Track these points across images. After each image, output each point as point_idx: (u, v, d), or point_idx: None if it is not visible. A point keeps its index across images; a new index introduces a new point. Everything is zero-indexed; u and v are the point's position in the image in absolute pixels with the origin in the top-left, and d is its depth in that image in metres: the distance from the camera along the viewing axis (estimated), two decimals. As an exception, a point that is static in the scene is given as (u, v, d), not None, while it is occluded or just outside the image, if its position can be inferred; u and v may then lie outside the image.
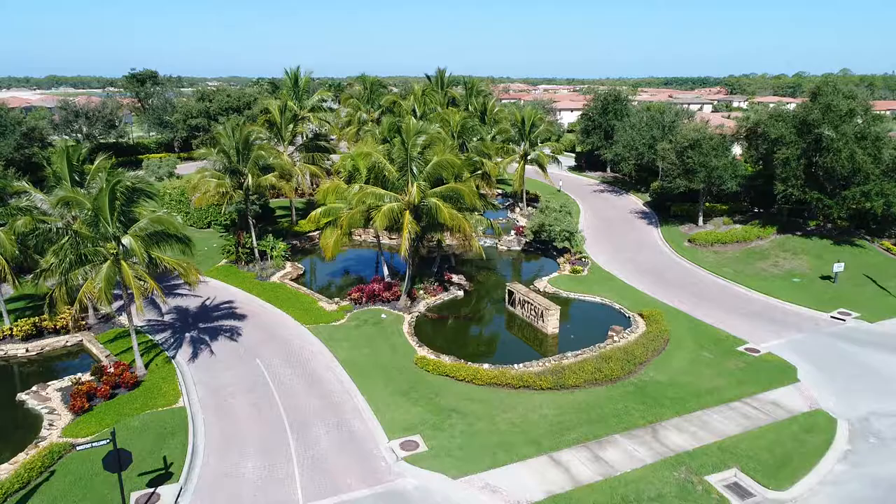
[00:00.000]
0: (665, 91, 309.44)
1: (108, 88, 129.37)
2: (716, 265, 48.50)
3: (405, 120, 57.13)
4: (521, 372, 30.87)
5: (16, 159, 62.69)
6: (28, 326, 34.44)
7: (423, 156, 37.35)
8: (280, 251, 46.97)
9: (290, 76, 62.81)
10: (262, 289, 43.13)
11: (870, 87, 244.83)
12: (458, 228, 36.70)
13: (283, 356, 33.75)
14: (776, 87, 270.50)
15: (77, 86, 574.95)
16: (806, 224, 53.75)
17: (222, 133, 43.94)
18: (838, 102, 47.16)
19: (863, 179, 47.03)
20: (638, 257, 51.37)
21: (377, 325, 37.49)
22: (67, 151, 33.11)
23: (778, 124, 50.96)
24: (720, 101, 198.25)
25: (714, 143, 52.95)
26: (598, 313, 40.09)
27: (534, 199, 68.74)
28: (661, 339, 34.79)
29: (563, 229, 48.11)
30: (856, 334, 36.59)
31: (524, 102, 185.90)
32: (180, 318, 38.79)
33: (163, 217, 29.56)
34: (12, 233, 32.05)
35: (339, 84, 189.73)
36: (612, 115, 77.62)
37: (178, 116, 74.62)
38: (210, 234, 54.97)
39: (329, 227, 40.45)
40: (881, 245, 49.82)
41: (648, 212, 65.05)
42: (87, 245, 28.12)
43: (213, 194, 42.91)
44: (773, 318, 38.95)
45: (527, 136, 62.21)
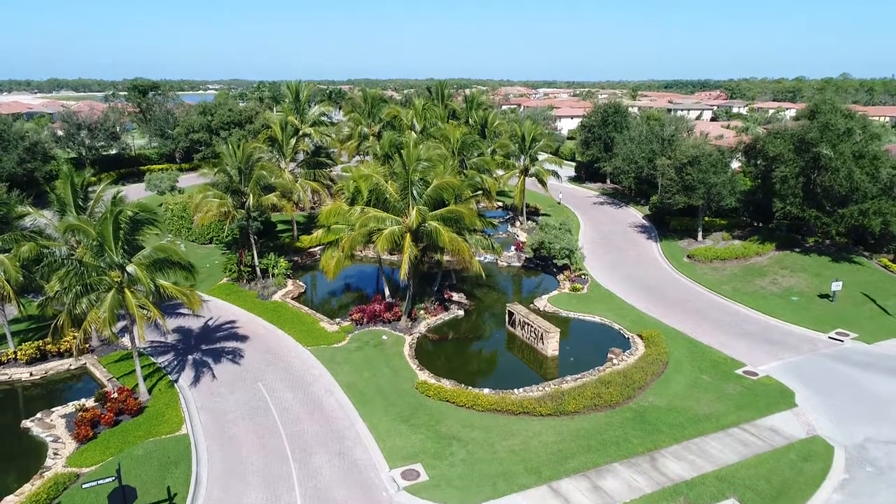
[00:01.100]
0: (665, 95, 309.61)
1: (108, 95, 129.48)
2: (715, 282, 48.76)
3: (406, 137, 57.59)
4: (521, 398, 31.13)
5: (18, 174, 63.03)
6: (32, 350, 34.74)
7: (424, 178, 37.64)
8: (282, 269, 47.28)
9: (291, 90, 63.17)
10: (264, 308, 43.41)
11: (869, 92, 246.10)
12: (458, 251, 36.99)
13: (285, 380, 34.02)
14: (776, 91, 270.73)
15: (78, 89, 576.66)
16: (804, 240, 54.01)
17: (225, 153, 44.25)
18: (836, 121, 47.46)
19: (861, 198, 47.30)
20: (637, 273, 51.62)
21: (378, 346, 37.76)
22: (71, 177, 33.45)
23: (776, 141, 51.28)
24: (720, 107, 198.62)
25: (713, 159, 53.23)
26: (597, 334, 40.35)
27: (534, 212, 69.08)
28: (660, 362, 35.05)
29: (562, 247, 48.38)
30: (854, 356, 36.83)
31: (524, 109, 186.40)
32: (183, 340, 39.07)
33: (166, 245, 29.90)
34: (17, 259, 32.36)
35: (340, 90, 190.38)
36: (611, 126, 77.96)
37: (179, 130, 75.04)
38: (212, 251, 55.27)
39: (330, 248, 40.79)
40: (879, 262, 50.07)
41: (648, 225, 65.32)
42: (92, 274, 28.41)
43: (215, 214, 43.18)
44: (771, 339, 39.20)
45: (527, 151, 62.51)
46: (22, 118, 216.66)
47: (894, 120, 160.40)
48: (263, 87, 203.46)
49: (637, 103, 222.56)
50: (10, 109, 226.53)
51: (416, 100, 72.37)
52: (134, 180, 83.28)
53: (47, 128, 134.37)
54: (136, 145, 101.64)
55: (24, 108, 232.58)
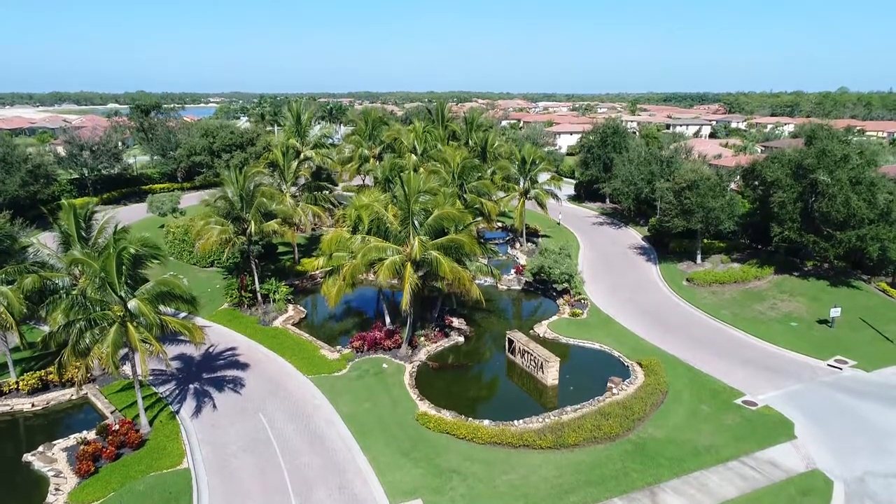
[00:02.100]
0: (664, 109, 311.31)
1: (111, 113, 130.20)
2: (714, 307, 48.92)
3: (406, 160, 57.94)
4: (522, 430, 31.25)
5: (20, 196, 63.43)
6: (34, 380, 34.89)
7: (425, 208, 37.97)
8: (282, 295, 47.50)
9: (292, 113, 63.73)
10: (265, 335, 43.59)
11: (867, 107, 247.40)
12: (458, 280, 37.25)
13: (286, 410, 34.14)
14: (774, 105, 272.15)
15: (80, 102, 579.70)
16: (803, 264, 54.29)
17: (227, 180, 44.63)
18: (833, 147, 47.89)
19: (858, 223, 47.60)
20: (637, 297, 51.79)
21: (378, 375, 37.90)
22: (75, 209, 33.79)
23: (774, 166, 51.70)
24: (718, 122, 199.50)
25: (711, 183, 53.60)
26: (597, 362, 40.48)
27: (534, 233, 69.37)
28: (660, 391, 35.17)
29: (562, 272, 48.62)
30: (853, 384, 36.96)
31: (523, 125, 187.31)
32: (184, 368, 39.21)
33: (168, 280, 30.15)
34: (20, 291, 32.60)
35: (341, 106, 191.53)
36: (610, 147, 78.48)
37: (181, 152, 75.58)
38: (213, 274, 55.53)
39: (332, 276, 41.02)
40: (877, 286, 50.30)
41: (647, 247, 65.58)
42: (96, 308, 28.63)
43: (216, 241, 43.46)
44: (770, 367, 39.32)
45: (526, 174, 62.92)
46: (24, 133, 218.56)
47: (892, 136, 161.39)
48: (265, 103, 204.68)
49: (636, 118, 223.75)
50: (12, 125, 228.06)
51: (417, 122, 72.90)
52: (135, 200, 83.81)
53: (50, 146, 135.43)
54: (137, 162, 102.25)
55: (25, 122, 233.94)
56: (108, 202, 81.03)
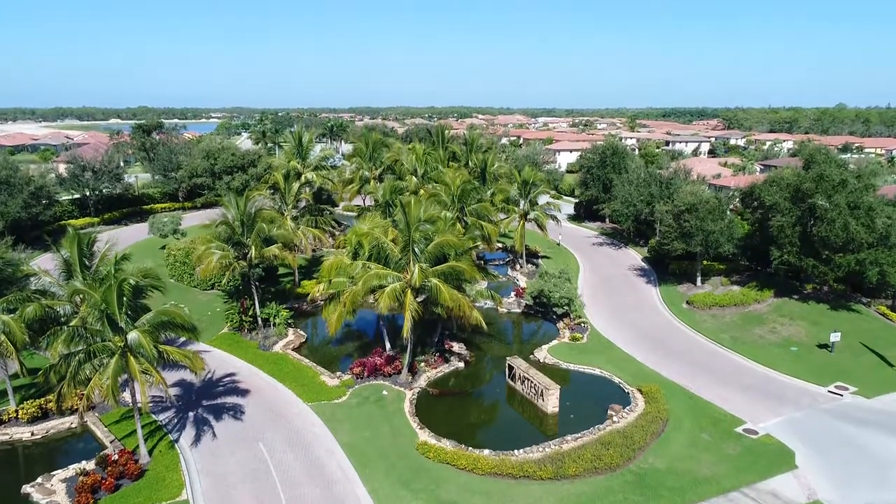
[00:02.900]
0: (664, 125, 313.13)
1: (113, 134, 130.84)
2: (714, 331, 48.94)
3: (407, 182, 58.23)
4: (522, 460, 31.18)
5: (22, 218, 63.72)
6: (34, 409, 34.85)
7: (425, 235, 38.17)
8: (283, 319, 47.56)
9: (294, 136, 64.19)
10: (265, 360, 43.58)
11: (865, 123, 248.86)
12: (458, 307, 37.36)
13: (286, 438, 34.06)
14: (773, 121, 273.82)
15: (82, 117, 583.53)
16: (803, 286, 54.39)
17: (228, 205, 44.88)
18: (830, 172, 48.18)
19: (857, 247, 47.76)
20: (637, 321, 51.82)
21: (379, 402, 37.85)
22: (78, 237, 33.99)
23: (772, 189, 51.95)
24: (717, 139, 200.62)
25: (710, 206, 53.84)
26: (597, 388, 40.45)
27: (534, 254, 69.51)
28: (660, 419, 35.12)
29: (562, 296, 48.72)
30: (853, 411, 36.92)
31: (523, 142, 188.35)
32: (184, 394, 39.15)
33: (169, 309, 30.27)
34: (22, 320, 32.68)
35: (342, 123, 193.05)
36: (610, 167, 78.90)
37: (182, 173, 76.07)
38: (213, 297, 55.59)
39: (332, 302, 41.09)
40: (877, 309, 50.36)
41: (647, 268, 65.69)
42: (96, 340, 28.71)
43: (217, 266, 43.61)
44: (771, 393, 39.29)
45: (526, 196, 63.23)
46: (26, 150, 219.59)
47: (890, 153, 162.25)
48: (266, 120, 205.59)
49: (635, 135, 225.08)
50: (15, 141, 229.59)
51: (417, 144, 73.40)
52: (136, 220, 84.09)
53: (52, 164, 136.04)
54: (139, 180, 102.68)
55: (27, 139, 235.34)
56: (109, 222, 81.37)
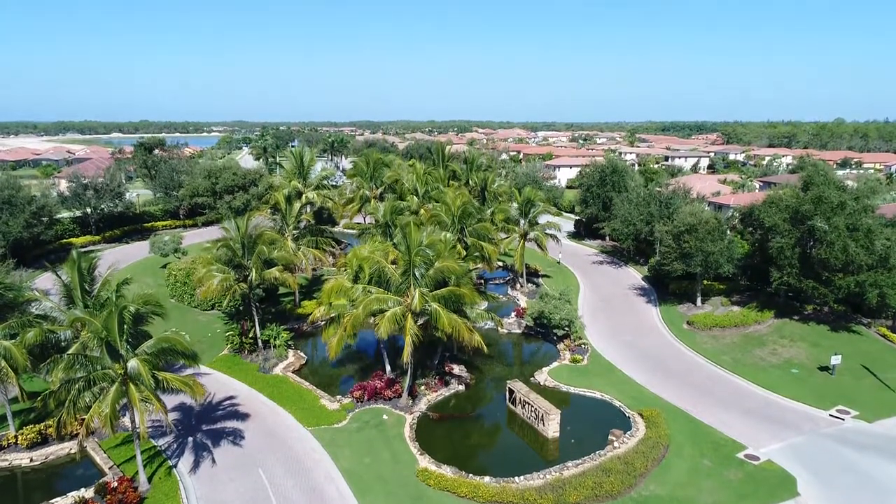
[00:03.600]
0: (663, 139, 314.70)
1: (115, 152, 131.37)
2: (714, 352, 48.89)
3: (408, 202, 58.39)
4: (522, 488, 31.05)
5: (24, 237, 63.92)
6: (33, 434, 34.79)
7: (426, 260, 38.31)
8: (283, 341, 47.56)
9: (295, 156, 64.57)
10: (265, 383, 43.53)
11: (864, 138, 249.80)
12: (458, 332, 37.44)
13: (286, 464, 33.95)
14: (771, 136, 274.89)
15: (84, 131, 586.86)
16: (803, 307, 54.39)
17: (228, 229, 45.06)
18: (829, 194, 48.37)
19: (857, 269, 47.83)
20: (637, 341, 51.78)
21: (379, 427, 37.75)
22: (79, 263, 34.10)
23: (771, 210, 52.10)
24: (717, 154, 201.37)
25: (710, 227, 53.98)
26: (598, 412, 40.34)
27: (534, 273, 69.55)
28: (661, 445, 35.01)
29: (562, 318, 48.74)
30: (855, 436, 36.81)
31: (523, 157, 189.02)
32: (183, 418, 39.03)
33: (170, 336, 30.33)
34: (23, 345, 32.69)
35: (342, 139, 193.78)
36: (609, 186, 79.22)
37: (184, 192, 76.46)
38: (213, 318, 55.59)
39: (332, 324, 41.14)
40: (878, 331, 50.33)
41: (647, 287, 65.71)
42: (97, 367, 28.73)
43: (217, 289, 43.70)
44: (772, 417, 39.19)
45: (526, 216, 63.44)
46: (28, 165, 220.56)
47: (888, 168, 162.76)
48: (267, 135, 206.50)
49: (635, 149, 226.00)
50: (17, 156, 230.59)
51: (418, 163, 73.83)
52: (137, 238, 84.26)
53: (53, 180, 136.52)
54: (140, 197, 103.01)
55: (29, 154, 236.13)
56: (110, 240, 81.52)
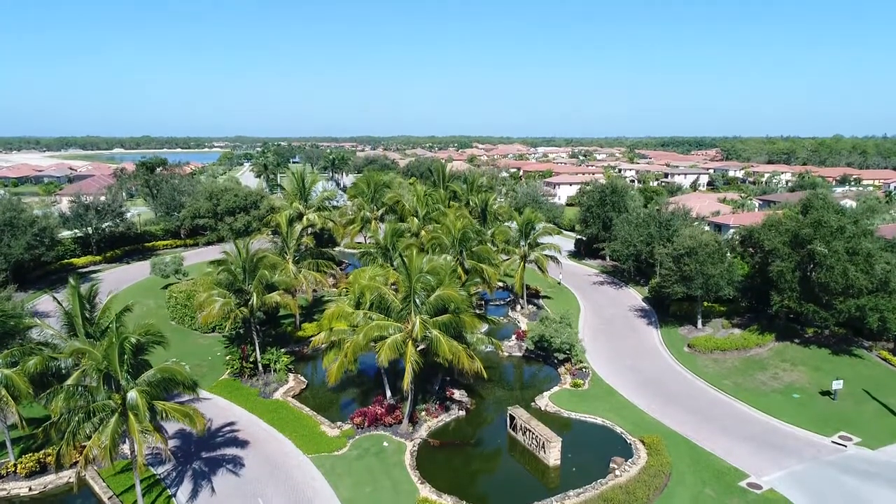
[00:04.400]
0: (663, 155, 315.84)
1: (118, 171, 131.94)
2: (716, 376, 48.78)
3: (409, 223, 58.53)
4: (523, 519, 30.87)
5: (25, 259, 64.07)
6: (32, 463, 34.66)
7: (426, 287, 38.41)
8: (283, 365, 47.50)
9: (296, 177, 64.90)
10: (265, 408, 43.41)
11: (862, 154, 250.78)
12: (458, 359, 37.44)
13: (285, 494, 33.76)
14: (770, 152, 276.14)
15: (86, 147, 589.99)
16: (804, 330, 54.34)
17: (229, 253, 45.20)
18: (828, 218, 48.53)
19: (857, 293, 47.84)
20: (638, 365, 51.68)
21: (379, 455, 37.59)
22: (78, 291, 34.17)
23: (771, 233, 52.24)
24: (716, 171, 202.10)
25: (710, 250, 54.08)
26: (599, 439, 40.17)
27: (534, 294, 69.57)
28: (663, 473, 34.84)
29: (563, 342, 48.70)
30: (857, 464, 36.61)
31: (523, 174, 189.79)
32: (183, 445, 38.88)
33: (170, 367, 30.29)
34: (24, 373, 32.66)
35: (343, 156, 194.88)
36: (609, 206, 79.53)
37: (185, 213, 76.79)
38: (214, 341, 55.58)
39: (333, 349, 41.13)
40: (879, 354, 50.25)
41: (648, 309, 65.69)
42: (96, 399, 28.70)
43: (218, 314, 43.75)
44: (774, 444, 39.01)
45: (526, 238, 63.62)
46: (30, 181, 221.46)
47: (887, 186, 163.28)
48: (268, 152, 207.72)
49: (635, 166, 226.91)
50: (19, 173, 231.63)
51: (418, 185, 74.22)
52: (138, 258, 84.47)
53: (55, 197, 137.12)
54: (141, 216, 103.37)
55: (32, 171, 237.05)
56: (111, 260, 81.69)
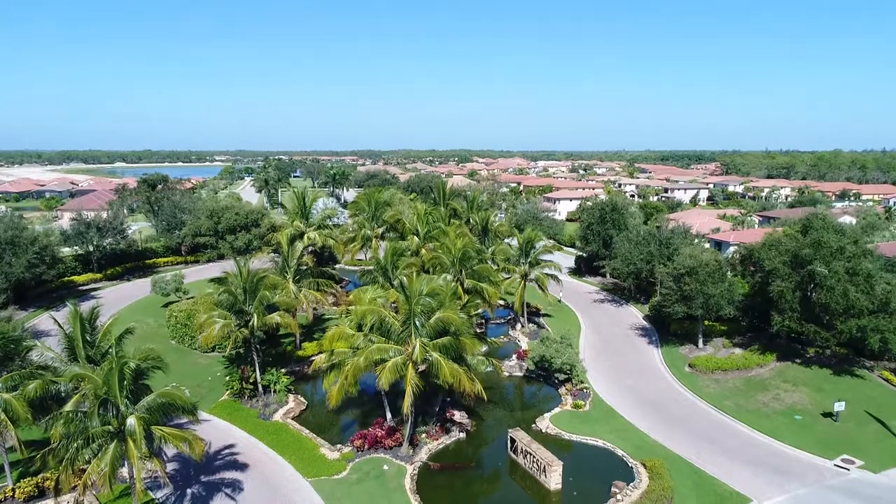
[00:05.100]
0: (662, 170, 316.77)
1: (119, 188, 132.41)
2: (717, 397, 48.61)
3: (409, 242, 58.65)
4: (524, 546, 30.66)
5: (25, 278, 64.14)
6: (31, 488, 34.44)
7: (426, 310, 38.43)
8: (283, 386, 47.37)
9: (297, 196, 65.14)
10: (265, 430, 43.23)
11: (862, 169, 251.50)
12: (459, 382, 37.37)
13: (285, 519, 33.57)
14: (770, 166, 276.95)
15: (88, 160, 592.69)
16: (805, 350, 54.23)
17: (230, 273, 45.27)
18: (828, 239, 48.60)
19: (858, 313, 47.81)
20: (639, 385, 51.51)
21: (379, 478, 37.39)
22: (80, 316, 34.20)
23: (771, 253, 52.30)
24: (716, 186, 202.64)
25: (710, 269, 54.12)
26: (600, 462, 39.98)
27: (535, 312, 69.53)
28: (665, 498, 34.59)
29: (563, 362, 48.61)
30: (861, 487, 36.40)
31: (523, 189, 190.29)
32: (182, 468, 38.65)
33: (170, 391, 30.27)
34: (23, 398, 32.58)
35: (344, 172, 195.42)
36: (610, 224, 79.71)
37: (186, 231, 77.04)
38: (213, 360, 55.46)
39: (333, 371, 41.06)
40: (881, 374, 50.11)
41: (649, 327, 65.55)
42: (95, 424, 28.62)
43: (218, 335, 43.73)
44: (776, 467, 38.78)
45: (526, 256, 63.70)
46: (32, 196, 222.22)
47: (886, 201, 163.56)
48: (269, 167, 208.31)
49: (635, 181, 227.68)
50: (21, 187, 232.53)
51: (419, 203, 74.48)
52: (139, 275, 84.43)
53: (57, 213, 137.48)
54: (142, 232, 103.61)
55: (33, 185, 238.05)
56: (112, 277, 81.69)
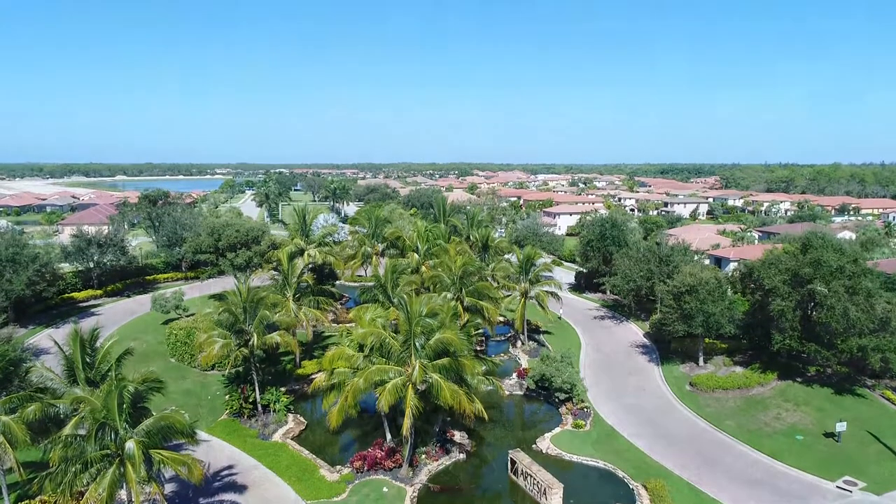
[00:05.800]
0: (662, 183, 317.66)
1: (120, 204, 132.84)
2: (718, 417, 48.43)
3: (409, 259, 58.72)
4: (525, 571, 30.45)
5: (25, 295, 64.17)
6: (28, 512, 34.30)
7: (425, 330, 38.46)
8: (283, 405, 47.26)
9: (298, 214, 65.35)
10: (265, 451, 43.06)
11: (861, 183, 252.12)
12: (459, 403, 37.30)
13: (284, 543, 33.36)
14: (769, 180, 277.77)
15: (89, 174, 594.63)
16: (806, 369, 54.10)
17: (230, 292, 45.33)
18: (828, 258, 48.66)
19: (859, 332, 47.78)
20: (640, 404, 51.35)
21: (378, 501, 37.19)
22: (81, 338, 34.20)
23: (771, 272, 52.33)
24: (716, 200, 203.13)
25: (710, 287, 54.15)
26: (601, 484, 39.80)
27: (535, 329, 69.48)
28: (666, 521, 34.45)
29: (564, 381, 48.53)
30: (863, 511, 36.21)
31: (523, 203, 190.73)
32: (181, 490, 38.44)
33: (169, 415, 30.24)
34: (22, 420, 32.49)
35: (345, 187, 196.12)
36: (610, 240, 79.85)
37: (187, 248, 77.18)
38: (213, 379, 55.30)
39: (333, 391, 41.02)
40: (882, 394, 49.95)
41: (649, 345, 65.45)
42: (94, 448, 28.54)
43: (218, 354, 43.71)
44: (778, 488, 38.59)
45: (526, 274, 63.78)
46: (33, 210, 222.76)
47: (886, 216, 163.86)
48: (270, 181, 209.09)
49: (634, 195, 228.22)
50: (22, 201, 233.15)
51: (419, 220, 74.71)
52: (139, 291, 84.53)
53: (57, 227, 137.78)
54: (142, 248, 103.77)
55: (34, 199, 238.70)
56: (112, 294, 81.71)
